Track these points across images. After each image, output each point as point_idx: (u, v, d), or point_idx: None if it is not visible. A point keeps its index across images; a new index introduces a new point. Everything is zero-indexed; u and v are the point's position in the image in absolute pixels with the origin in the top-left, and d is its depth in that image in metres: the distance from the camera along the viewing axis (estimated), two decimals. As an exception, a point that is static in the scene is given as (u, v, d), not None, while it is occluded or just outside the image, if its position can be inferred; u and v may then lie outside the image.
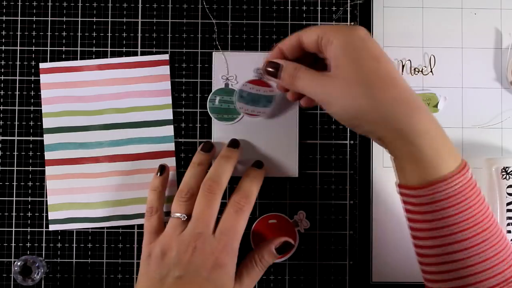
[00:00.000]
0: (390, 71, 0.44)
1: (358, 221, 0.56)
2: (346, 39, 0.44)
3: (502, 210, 0.54)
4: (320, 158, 0.56)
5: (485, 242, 0.42)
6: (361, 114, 0.43)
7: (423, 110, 0.43)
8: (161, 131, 0.55)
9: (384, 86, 0.43)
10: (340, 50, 0.44)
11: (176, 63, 0.56)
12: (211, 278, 0.47)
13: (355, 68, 0.43)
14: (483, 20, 0.57)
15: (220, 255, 0.48)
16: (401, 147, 0.43)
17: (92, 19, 0.56)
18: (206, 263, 0.47)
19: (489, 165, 0.55)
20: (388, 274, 0.56)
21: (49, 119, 0.55)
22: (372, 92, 0.43)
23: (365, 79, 0.43)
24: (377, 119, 0.43)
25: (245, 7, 0.56)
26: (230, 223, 0.49)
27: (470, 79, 0.56)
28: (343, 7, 0.56)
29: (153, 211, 0.51)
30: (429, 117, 0.43)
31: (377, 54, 0.44)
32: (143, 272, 0.49)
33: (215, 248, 0.48)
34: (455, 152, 0.44)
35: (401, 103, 0.42)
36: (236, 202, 0.50)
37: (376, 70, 0.43)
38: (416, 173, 0.43)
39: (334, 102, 0.44)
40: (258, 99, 0.54)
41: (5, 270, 0.55)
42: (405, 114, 0.42)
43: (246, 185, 0.51)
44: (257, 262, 0.51)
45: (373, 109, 0.42)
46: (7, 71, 0.55)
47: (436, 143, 0.42)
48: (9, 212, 0.55)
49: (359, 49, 0.44)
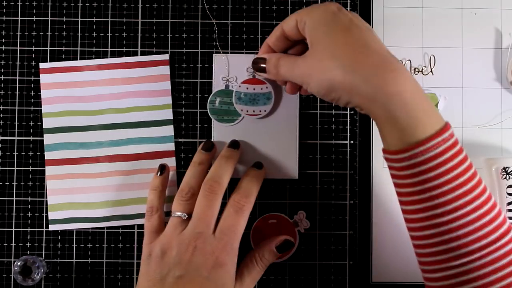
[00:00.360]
0: (361, 38, 0.44)
1: (358, 221, 0.56)
2: (317, 16, 0.45)
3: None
4: (320, 158, 0.56)
5: (469, 205, 0.41)
6: (336, 86, 0.44)
7: (397, 72, 0.43)
8: (161, 131, 0.55)
9: (354, 55, 0.43)
10: (312, 28, 0.45)
11: (176, 63, 0.56)
12: (212, 277, 0.47)
13: (326, 42, 0.44)
14: (483, 20, 0.57)
15: (220, 255, 0.48)
16: (377, 112, 0.43)
17: (92, 19, 0.56)
18: (206, 262, 0.47)
19: (489, 165, 0.55)
20: (388, 274, 0.56)
21: (49, 119, 0.55)
22: (342, 63, 0.43)
23: (335, 51, 0.44)
24: (350, 87, 0.43)
25: (245, 7, 0.56)
26: (230, 223, 0.49)
27: (470, 79, 0.56)
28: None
29: (154, 210, 0.51)
30: (404, 80, 0.42)
31: (348, 25, 0.44)
32: (143, 272, 0.49)
33: (215, 248, 0.48)
34: (436, 115, 0.43)
35: (373, 68, 0.42)
36: (236, 201, 0.50)
37: (346, 41, 0.44)
38: (395, 137, 0.43)
39: (310, 80, 0.45)
40: (257, 98, 0.54)
41: (5, 270, 0.55)
42: (377, 78, 0.42)
43: (246, 185, 0.52)
44: (258, 261, 0.51)
45: (345, 79, 0.43)
46: (7, 71, 0.55)
47: (409, 106, 0.42)
48: (9, 212, 0.55)
49: (329, 23, 0.45)
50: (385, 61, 0.43)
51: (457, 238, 0.42)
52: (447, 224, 0.42)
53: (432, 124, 0.42)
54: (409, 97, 0.42)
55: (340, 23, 0.45)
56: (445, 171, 0.41)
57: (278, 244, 0.52)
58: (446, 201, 0.42)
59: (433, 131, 0.42)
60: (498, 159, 0.55)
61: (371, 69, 0.43)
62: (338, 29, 0.44)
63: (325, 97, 0.46)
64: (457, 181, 0.42)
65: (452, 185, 0.41)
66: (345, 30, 0.44)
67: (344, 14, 0.45)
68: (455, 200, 0.41)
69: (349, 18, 0.45)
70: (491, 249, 0.41)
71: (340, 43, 0.44)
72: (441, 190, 0.42)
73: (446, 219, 0.42)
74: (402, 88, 0.42)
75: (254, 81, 0.54)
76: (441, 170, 0.41)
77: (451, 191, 0.42)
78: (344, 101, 0.45)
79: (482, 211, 0.42)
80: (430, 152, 0.41)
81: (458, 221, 0.41)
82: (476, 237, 0.41)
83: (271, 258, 0.52)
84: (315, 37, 0.45)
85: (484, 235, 0.42)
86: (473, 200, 0.42)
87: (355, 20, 0.45)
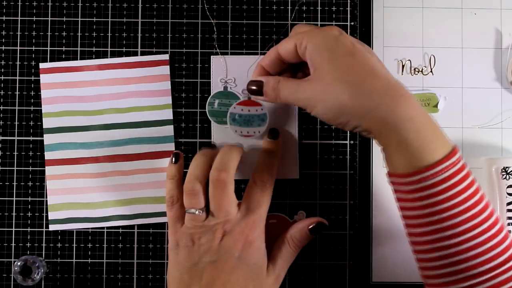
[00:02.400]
0: (366, 63, 0.44)
1: (358, 221, 0.56)
2: (319, 40, 0.45)
3: (502, 210, 0.54)
4: (320, 158, 0.56)
5: (477, 228, 0.42)
6: (344, 111, 0.44)
7: (406, 98, 0.43)
8: (161, 131, 0.55)
9: (362, 79, 0.43)
10: (315, 52, 0.45)
11: (176, 63, 0.56)
12: (243, 256, 0.48)
13: (331, 67, 0.44)
14: (483, 20, 0.57)
15: (250, 233, 0.49)
16: (387, 136, 0.43)
17: (92, 19, 0.56)
18: (236, 243, 0.48)
19: (489, 165, 0.55)
20: (388, 274, 0.56)
21: (49, 119, 0.55)
22: (350, 87, 0.43)
23: (342, 76, 0.44)
24: (360, 112, 0.43)
25: (245, 7, 0.56)
26: (256, 200, 0.50)
27: (470, 79, 0.56)
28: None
29: (174, 200, 0.51)
30: (412, 105, 0.43)
31: (351, 49, 0.45)
32: (173, 262, 0.50)
33: (244, 227, 0.49)
34: (443, 139, 0.44)
35: (382, 93, 0.43)
36: (259, 179, 0.50)
37: (352, 65, 0.44)
38: (403, 161, 0.43)
39: (317, 104, 0.45)
40: (251, 119, 0.54)
41: (5, 270, 0.55)
42: (387, 103, 0.43)
43: (265, 160, 0.52)
44: (290, 242, 0.52)
45: (354, 103, 0.43)
46: (7, 71, 0.55)
47: (421, 130, 0.42)
48: (9, 212, 0.55)
49: (333, 48, 0.45)
50: (392, 86, 0.44)
51: (467, 259, 0.42)
52: (456, 246, 0.42)
53: (441, 148, 0.43)
54: (419, 121, 0.43)
55: (343, 47, 0.45)
56: (454, 194, 0.42)
57: (312, 225, 0.52)
58: (455, 224, 0.42)
59: (442, 155, 0.42)
60: (498, 159, 0.55)
61: (380, 93, 0.43)
62: (341, 53, 0.44)
63: (332, 121, 0.46)
64: (466, 204, 0.42)
65: (461, 208, 0.42)
66: (350, 54, 0.44)
67: (345, 38, 0.45)
68: (464, 222, 0.42)
69: (351, 42, 0.45)
70: (500, 271, 0.42)
71: (346, 67, 0.44)
72: (450, 213, 0.42)
73: (455, 241, 0.42)
74: (412, 113, 0.43)
75: (248, 103, 0.54)
76: (450, 194, 0.42)
77: (460, 214, 0.42)
78: (353, 125, 0.45)
79: (490, 233, 0.42)
80: (439, 175, 0.42)
81: (467, 243, 0.42)
82: (486, 259, 0.42)
83: (303, 239, 0.52)
84: (319, 61, 0.45)
85: (493, 257, 0.42)
86: (481, 223, 0.42)
87: (357, 44, 0.45)
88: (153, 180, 0.55)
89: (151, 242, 0.55)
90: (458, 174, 0.42)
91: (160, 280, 0.55)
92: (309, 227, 0.52)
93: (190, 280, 0.48)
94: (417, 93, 0.56)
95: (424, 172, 0.42)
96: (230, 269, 0.48)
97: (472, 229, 0.42)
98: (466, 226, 0.42)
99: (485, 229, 0.42)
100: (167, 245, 0.55)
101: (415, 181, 0.42)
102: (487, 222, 0.42)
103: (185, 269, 0.49)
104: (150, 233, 0.55)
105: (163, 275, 0.55)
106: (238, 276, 0.48)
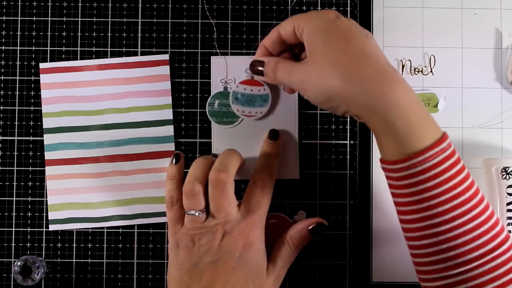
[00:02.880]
0: (360, 48, 0.44)
1: (358, 221, 0.56)
2: (315, 23, 0.46)
3: (502, 210, 0.54)
4: (320, 158, 0.56)
5: (467, 214, 0.42)
6: (334, 95, 0.44)
7: (396, 83, 0.43)
8: (161, 131, 0.55)
9: (353, 65, 0.43)
10: (311, 35, 0.46)
11: (176, 63, 0.56)
12: (243, 257, 0.48)
13: (325, 51, 0.44)
14: (483, 20, 0.57)
15: (250, 233, 0.49)
16: (375, 122, 0.43)
17: (92, 19, 0.56)
18: (237, 244, 0.48)
19: (489, 165, 0.55)
20: (388, 274, 0.56)
21: (49, 119, 0.55)
22: (341, 72, 0.43)
23: (334, 60, 0.44)
24: (349, 97, 0.43)
25: (245, 7, 0.56)
26: (256, 200, 0.50)
27: (470, 79, 0.56)
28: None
29: (174, 201, 0.51)
30: (402, 90, 0.43)
31: (346, 33, 0.45)
32: (173, 262, 0.50)
33: (244, 227, 0.49)
34: (433, 125, 0.43)
35: (372, 79, 0.43)
36: (260, 180, 0.51)
37: (345, 50, 0.44)
38: (393, 147, 0.43)
39: (308, 87, 0.46)
40: (254, 99, 0.54)
41: (5, 270, 0.55)
42: (376, 89, 0.42)
43: (265, 161, 0.52)
44: (290, 242, 0.52)
45: (344, 88, 0.43)
46: (7, 71, 0.55)
47: (409, 116, 0.42)
48: (9, 212, 0.55)
49: (328, 31, 0.45)
50: (384, 71, 0.44)
51: (456, 247, 0.42)
52: (446, 233, 0.42)
53: (430, 134, 0.43)
54: (407, 107, 0.42)
55: (339, 31, 0.45)
56: (443, 181, 0.42)
57: (312, 227, 0.52)
58: (444, 211, 0.42)
59: (431, 141, 0.42)
60: (498, 159, 0.55)
61: (370, 79, 0.43)
62: (336, 37, 0.45)
63: (323, 105, 0.46)
64: (455, 191, 0.42)
65: (450, 195, 0.42)
66: (344, 38, 0.45)
67: (342, 22, 0.46)
68: (453, 209, 0.42)
69: (347, 26, 0.45)
70: (490, 257, 0.42)
71: (339, 52, 0.44)
72: (439, 199, 0.42)
73: (444, 228, 0.42)
74: (400, 99, 0.42)
75: (252, 82, 0.54)
76: (439, 180, 0.42)
77: (449, 201, 0.42)
78: (342, 110, 0.45)
79: (480, 220, 0.42)
80: (428, 162, 0.42)
81: (456, 230, 0.42)
82: (475, 246, 0.42)
83: (303, 240, 0.52)
84: (314, 44, 0.45)
85: (483, 244, 0.42)
86: (471, 209, 0.42)
87: (353, 28, 0.46)
88: (153, 180, 0.55)
89: (151, 242, 0.55)
90: (448, 160, 0.42)
91: (160, 280, 0.55)
92: (309, 228, 0.52)
93: (190, 280, 0.48)
94: (417, 93, 0.55)
95: (413, 159, 0.42)
96: (231, 270, 0.48)
97: (462, 215, 0.42)
98: (454, 213, 0.42)
99: (476, 215, 0.42)
100: (167, 245, 0.55)
101: (404, 168, 0.42)
102: (477, 209, 0.42)
103: (185, 270, 0.49)
104: (150, 233, 0.55)
105: (163, 275, 0.55)
106: (238, 277, 0.48)
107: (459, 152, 0.44)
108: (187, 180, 0.50)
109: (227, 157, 0.51)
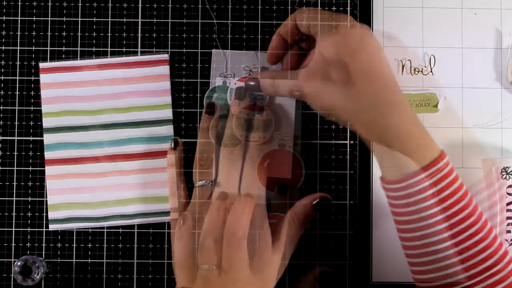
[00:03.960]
0: (366, 64, 0.44)
1: (358, 221, 0.56)
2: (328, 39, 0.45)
3: (502, 210, 0.54)
4: (320, 158, 0.56)
5: (464, 233, 0.42)
6: (335, 111, 0.44)
7: (396, 105, 0.43)
8: (161, 130, 0.55)
9: (356, 82, 0.43)
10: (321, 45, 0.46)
11: (176, 63, 0.56)
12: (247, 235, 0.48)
13: (330, 64, 0.44)
14: (483, 20, 0.57)
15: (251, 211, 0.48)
16: (374, 142, 0.44)
17: (92, 19, 0.56)
18: (239, 222, 0.48)
19: (489, 165, 0.55)
20: (388, 274, 0.56)
21: (49, 119, 0.55)
22: (344, 89, 0.43)
23: (338, 76, 0.44)
24: (349, 115, 0.44)
25: (245, 7, 0.56)
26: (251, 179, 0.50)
27: (470, 79, 0.56)
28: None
29: (177, 187, 0.52)
30: (399, 113, 0.43)
31: (356, 46, 0.44)
32: (178, 237, 0.50)
33: (245, 204, 0.49)
34: (430, 145, 0.44)
35: (372, 98, 0.43)
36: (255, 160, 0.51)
37: (350, 66, 0.44)
38: (391, 167, 0.44)
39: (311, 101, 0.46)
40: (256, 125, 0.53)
41: (5, 270, 0.55)
42: (374, 109, 0.43)
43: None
44: (294, 218, 0.51)
45: (345, 106, 0.43)
46: (7, 71, 0.55)
47: (406, 139, 0.42)
48: (9, 212, 0.55)
49: (339, 43, 0.45)
50: (385, 92, 0.43)
51: (454, 264, 0.42)
52: (444, 251, 0.42)
53: (427, 154, 0.43)
54: (404, 129, 0.43)
55: (348, 46, 0.44)
56: (440, 200, 0.42)
57: (316, 201, 0.52)
58: (442, 229, 0.42)
59: (428, 161, 0.42)
60: (498, 159, 0.55)
61: (371, 99, 0.43)
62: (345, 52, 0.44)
63: (325, 117, 0.47)
64: (453, 209, 0.42)
65: (447, 213, 0.42)
66: (351, 54, 0.44)
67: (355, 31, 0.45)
68: (451, 227, 0.42)
69: (359, 36, 0.45)
70: (489, 273, 0.42)
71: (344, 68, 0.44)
72: (436, 218, 0.42)
73: (442, 246, 0.42)
74: (397, 121, 0.43)
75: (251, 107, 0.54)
76: (436, 199, 0.42)
77: (446, 219, 0.42)
78: (344, 124, 0.46)
79: (479, 237, 0.42)
80: (425, 182, 0.42)
81: (455, 247, 0.42)
82: (475, 263, 0.42)
83: (307, 215, 0.51)
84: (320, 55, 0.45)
85: (482, 260, 0.42)
86: (469, 226, 0.42)
87: (365, 38, 0.45)
88: (153, 179, 0.55)
89: (151, 242, 0.55)
90: (445, 179, 0.42)
91: (160, 280, 0.55)
92: (313, 203, 0.52)
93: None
94: (417, 93, 0.56)
95: (410, 179, 0.42)
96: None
97: (459, 233, 0.42)
98: (452, 231, 0.42)
99: (474, 232, 0.42)
100: (167, 245, 0.55)
101: (402, 188, 0.43)
102: (476, 226, 0.42)
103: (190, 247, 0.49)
104: (150, 233, 0.55)
105: (163, 275, 0.55)
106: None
107: (459, 152, 0.45)
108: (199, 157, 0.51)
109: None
